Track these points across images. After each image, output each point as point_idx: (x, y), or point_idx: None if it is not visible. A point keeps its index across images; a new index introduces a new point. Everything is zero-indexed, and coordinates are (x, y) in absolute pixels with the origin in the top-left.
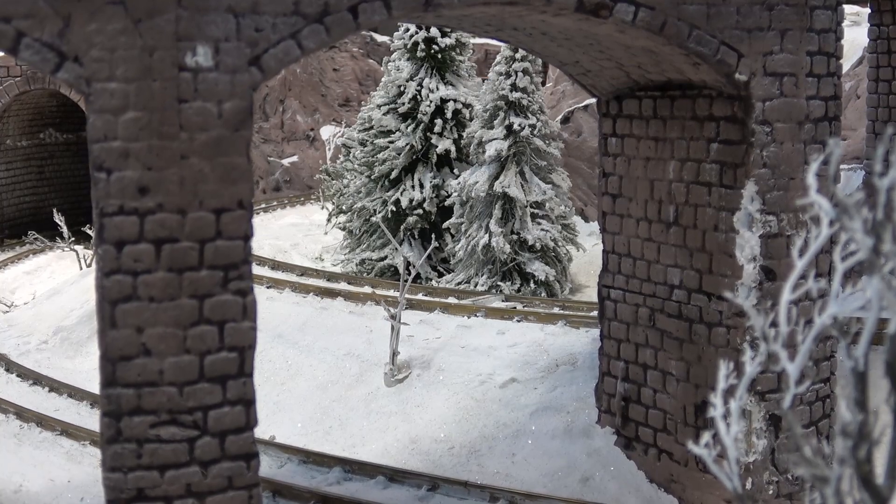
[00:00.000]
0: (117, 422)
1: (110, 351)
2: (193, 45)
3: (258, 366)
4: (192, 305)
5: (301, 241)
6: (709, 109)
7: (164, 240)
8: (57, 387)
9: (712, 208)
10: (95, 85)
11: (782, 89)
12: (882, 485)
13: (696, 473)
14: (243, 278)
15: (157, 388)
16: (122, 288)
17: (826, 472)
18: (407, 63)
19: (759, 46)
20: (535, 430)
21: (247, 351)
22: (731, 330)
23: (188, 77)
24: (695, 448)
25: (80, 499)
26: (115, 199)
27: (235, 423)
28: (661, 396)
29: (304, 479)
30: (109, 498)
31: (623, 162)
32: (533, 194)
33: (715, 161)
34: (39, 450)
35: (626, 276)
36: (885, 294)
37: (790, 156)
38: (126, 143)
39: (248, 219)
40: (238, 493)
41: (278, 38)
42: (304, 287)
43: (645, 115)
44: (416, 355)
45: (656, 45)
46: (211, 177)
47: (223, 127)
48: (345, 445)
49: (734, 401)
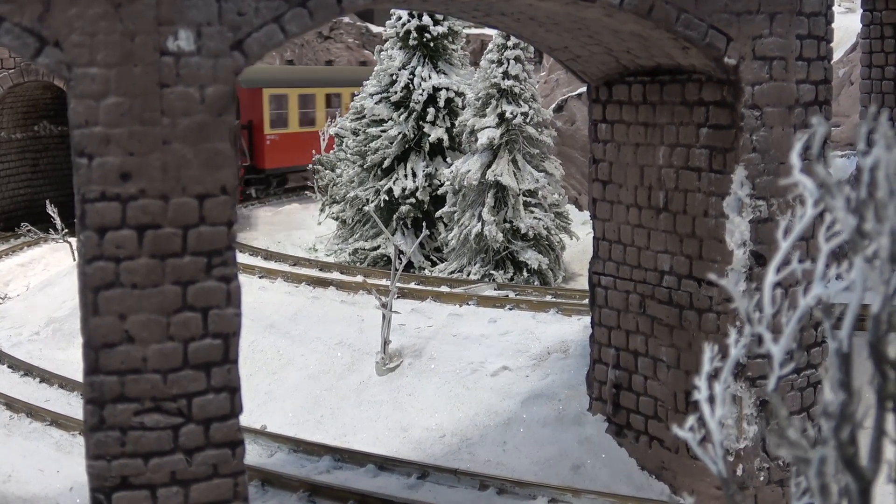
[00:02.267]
0: (101, 409)
1: (93, 338)
2: (175, 29)
3: (250, 356)
4: (175, 292)
5: (294, 232)
6: (698, 94)
7: (146, 226)
8: (48, 377)
9: (702, 193)
10: (76, 70)
11: (772, 73)
12: (866, 467)
13: (687, 460)
14: (227, 264)
15: (141, 375)
16: (105, 275)
17: (809, 453)
18: (399, 52)
19: (748, 30)
20: (527, 418)
21: (231, 338)
22: (722, 316)
23: (170, 62)
24: (680, 432)
25: (69, 488)
26: (96, 185)
27: (220, 410)
28: (651, 383)
29: (293, 468)
30: (93, 486)
31: (613, 148)
32: (526, 182)
33: (704, 146)
34: (29, 440)
35: (616, 263)
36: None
37: (780, 140)
38: (107, 129)
39: (231, 205)
40: (223, 480)
41: (261, 23)
42: (297, 277)
43: (634, 100)
44: (407, 344)
45: (644, 30)
46: (194, 162)
47: (206, 112)
48: (336, 434)
49: (719, 384)
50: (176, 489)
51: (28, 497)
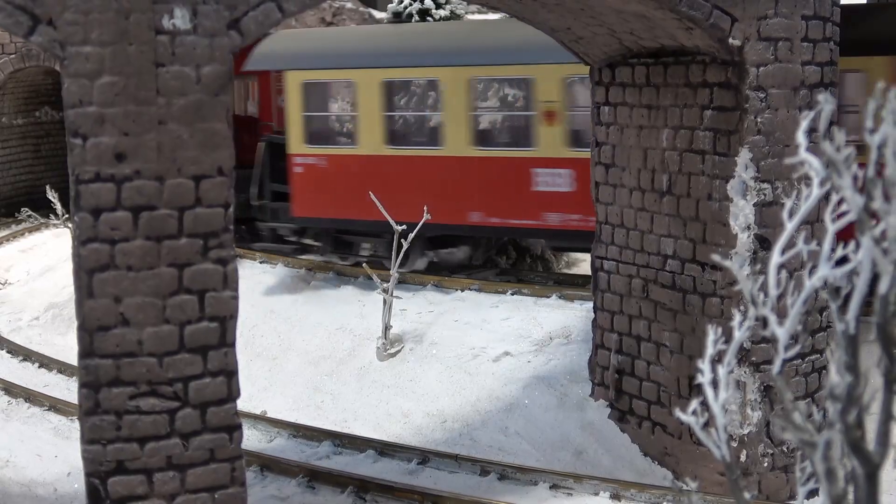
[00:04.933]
0: (96, 393)
1: (88, 321)
2: (171, 7)
3: (250, 341)
4: (171, 274)
5: None
6: (702, 76)
7: (142, 207)
8: (47, 363)
9: (706, 176)
10: (70, 49)
11: (777, 54)
12: (873, 451)
13: (690, 446)
14: (224, 246)
15: (137, 358)
16: (100, 256)
17: (814, 437)
18: None
19: (753, 10)
20: (529, 403)
21: (228, 321)
22: (725, 300)
23: (165, 40)
24: (682, 416)
25: (66, 473)
26: (91, 166)
27: (217, 394)
28: (654, 369)
29: (293, 454)
30: (88, 471)
31: (616, 131)
32: None
33: (708, 128)
34: (27, 425)
35: (619, 247)
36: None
37: (785, 122)
38: (102, 109)
39: (228, 186)
40: (220, 465)
41: (258, 1)
42: (298, 262)
43: (638, 82)
44: (408, 329)
45: (648, 10)
46: (190, 143)
47: (202, 92)
48: (337, 420)
49: (722, 367)
50: (172, 474)
51: (26, 482)
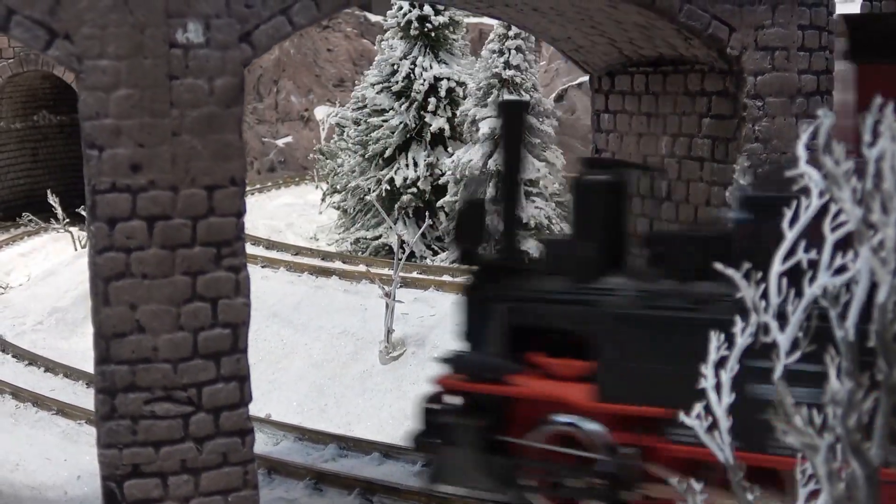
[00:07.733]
0: (112, 399)
1: (104, 328)
2: (184, 21)
3: (254, 345)
4: (185, 282)
5: (296, 221)
6: (700, 84)
7: (156, 217)
8: (52, 367)
9: (704, 183)
10: (87, 62)
11: (774, 63)
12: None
13: None
14: (236, 255)
15: (152, 364)
16: (115, 265)
17: (816, 440)
18: (400, 41)
19: (750, 20)
20: None
21: (240, 327)
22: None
23: (179, 54)
24: (687, 420)
25: (76, 477)
26: (107, 177)
27: (230, 399)
28: None
29: (299, 457)
30: (104, 474)
31: (616, 138)
32: (527, 172)
33: (707, 136)
34: (36, 429)
35: None
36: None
37: (782, 130)
38: (118, 121)
39: (240, 195)
40: (233, 468)
41: (269, 14)
42: (299, 266)
43: (637, 90)
44: (410, 333)
45: (648, 20)
46: (203, 154)
47: (215, 104)
48: (340, 423)
49: (725, 372)
50: (186, 477)
51: (36, 485)
